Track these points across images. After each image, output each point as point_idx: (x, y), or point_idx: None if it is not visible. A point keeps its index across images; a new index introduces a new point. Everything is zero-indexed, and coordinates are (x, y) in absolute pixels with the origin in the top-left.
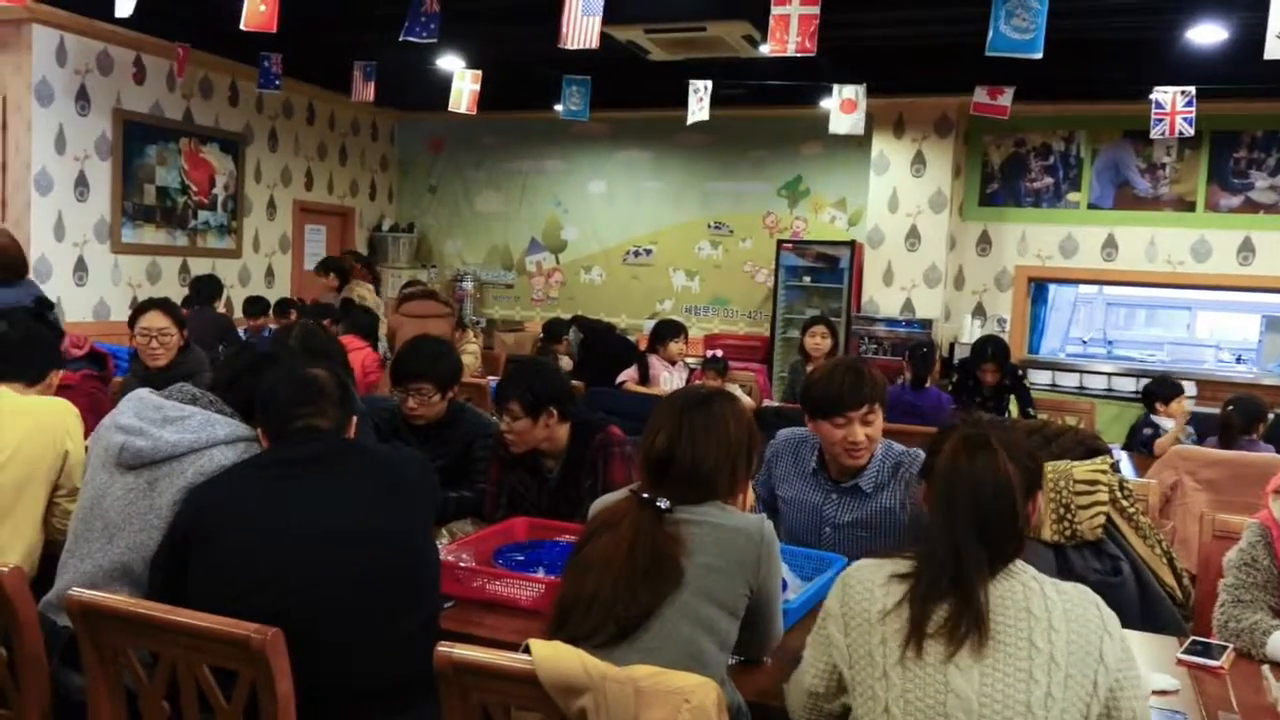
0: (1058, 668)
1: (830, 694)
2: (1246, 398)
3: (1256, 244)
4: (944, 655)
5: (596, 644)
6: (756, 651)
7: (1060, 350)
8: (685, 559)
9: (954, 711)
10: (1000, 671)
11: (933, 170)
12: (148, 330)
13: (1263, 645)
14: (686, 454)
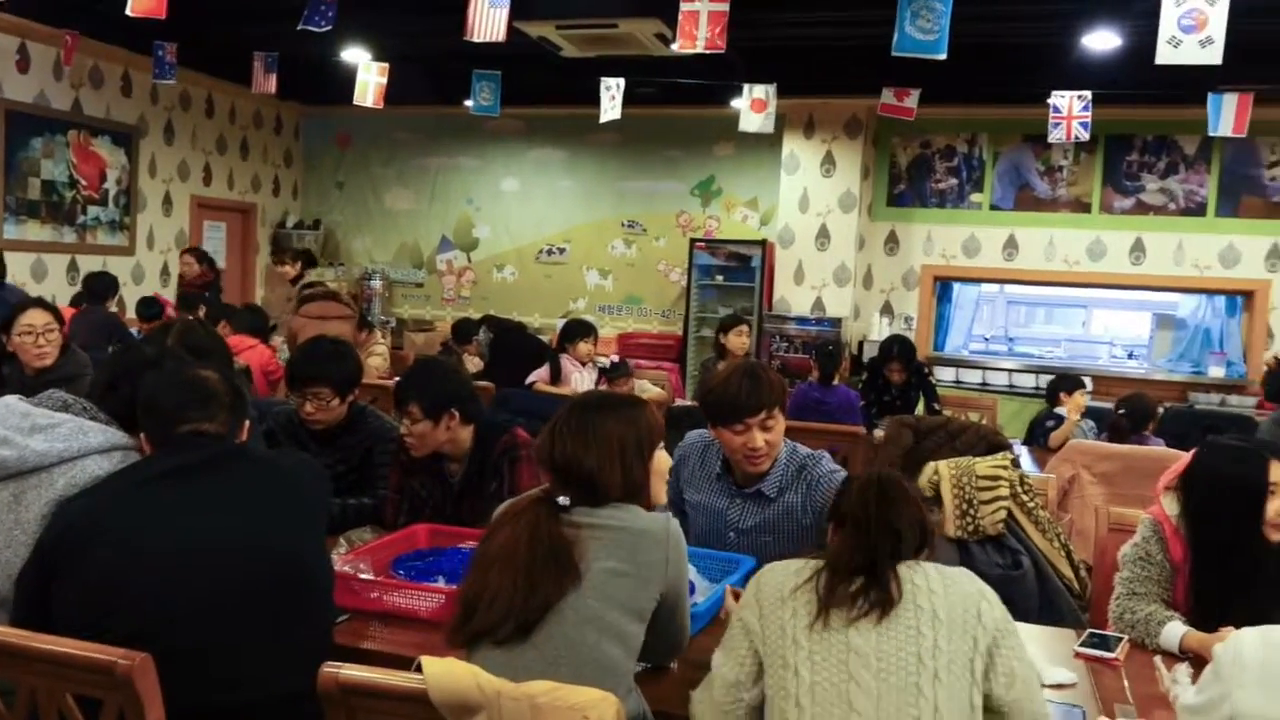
0: (940, 623)
1: (750, 679)
2: (1135, 399)
3: (1147, 244)
4: (847, 620)
5: (500, 639)
6: (663, 656)
7: (964, 348)
8: (585, 561)
9: (856, 668)
10: (893, 631)
11: (842, 171)
12: (30, 328)
13: (1156, 636)
14: (567, 456)
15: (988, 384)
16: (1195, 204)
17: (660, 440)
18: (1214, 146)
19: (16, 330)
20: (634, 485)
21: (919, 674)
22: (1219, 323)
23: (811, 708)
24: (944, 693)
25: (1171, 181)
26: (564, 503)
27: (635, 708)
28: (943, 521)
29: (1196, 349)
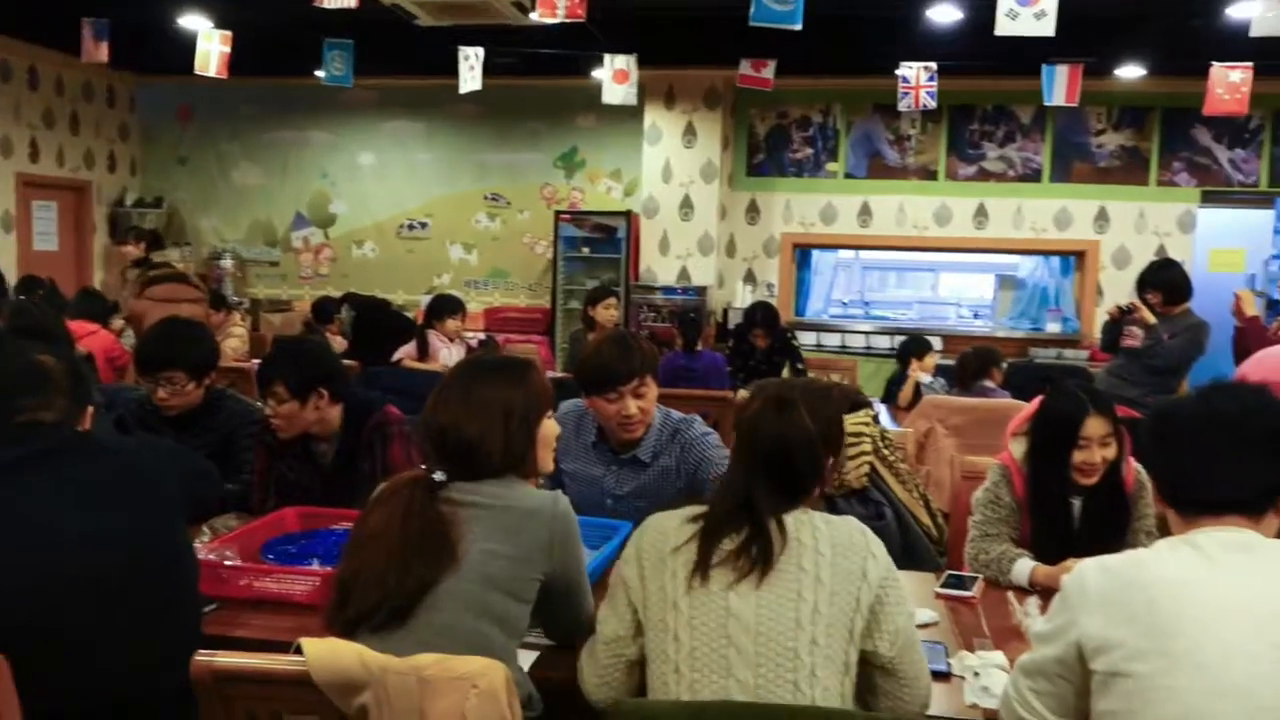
0: (823, 586)
1: (630, 635)
2: (983, 347)
3: (989, 210)
4: (727, 583)
5: (376, 626)
6: (565, 635)
7: (824, 312)
8: (464, 542)
9: (734, 632)
10: (774, 594)
11: (703, 141)
12: None
13: (1009, 572)
14: (449, 424)
15: (847, 346)
16: (1032, 170)
17: (549, 406)
18: (1048, 116)
19: None
20: (516, 454)
21: (796, 639)
22: (1054, 282)
23: (690, 674)
24: (821, 656)
25: (1010, 149)
26: (440, 479)
27: (521, 690)
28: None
29: (1035, 307)
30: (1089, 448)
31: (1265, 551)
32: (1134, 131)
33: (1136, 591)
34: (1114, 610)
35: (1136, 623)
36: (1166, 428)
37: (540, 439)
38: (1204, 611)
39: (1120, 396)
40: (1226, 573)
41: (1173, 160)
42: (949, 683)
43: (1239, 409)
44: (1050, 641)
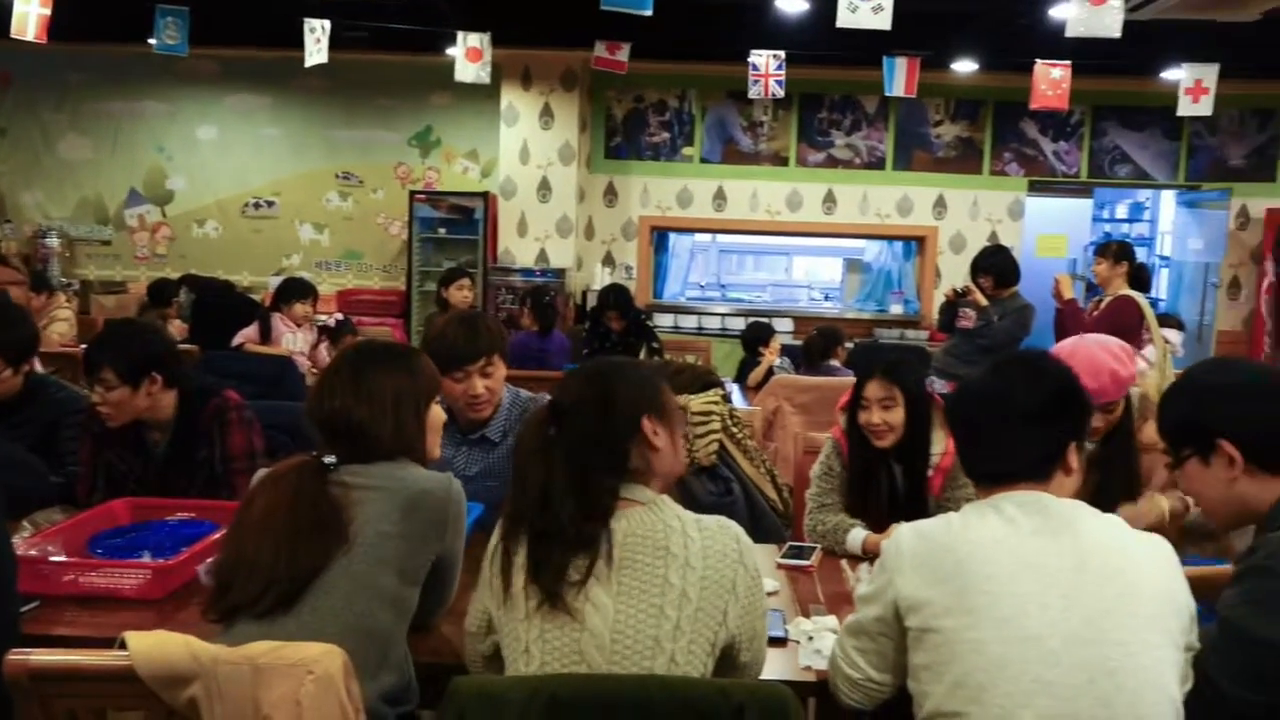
0: (689, 602)
1: (481, 633)
2: (827, 327)
3: (837, 195)
4: (579, 595)
5: (260, 612)
6: (430, 616)
7: (681, 294)
8: (356, 524)
9: (588, 648)
10: (634, 608)
11: (560, 123)
12: None
13: (844, 541)
14: (339, 409)
15: (703, 328)
16: (876, 158)
17: (437, 393)
18: (891, 106)
19: None
20: (407, 440)
21: (654, 659)
22: (897, 265)
23: None
24: (678, 673)
25: (856, 138)
26: (330, 462)
27: (405, 676)
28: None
29: (880, 289)
30: (869, 408)
31: (1056, 511)
32: (969, 123)
33: (946, 553)
34: (926, 571)
35: (946, 582)
36: (959, 408)
37: (429, 425)
38: (1003, 569)
39: (955, 374)
40: (1024, 533)
41: (1003, 151)
42: (785, 647)
43: (1010, 386)
44: (871, 602)
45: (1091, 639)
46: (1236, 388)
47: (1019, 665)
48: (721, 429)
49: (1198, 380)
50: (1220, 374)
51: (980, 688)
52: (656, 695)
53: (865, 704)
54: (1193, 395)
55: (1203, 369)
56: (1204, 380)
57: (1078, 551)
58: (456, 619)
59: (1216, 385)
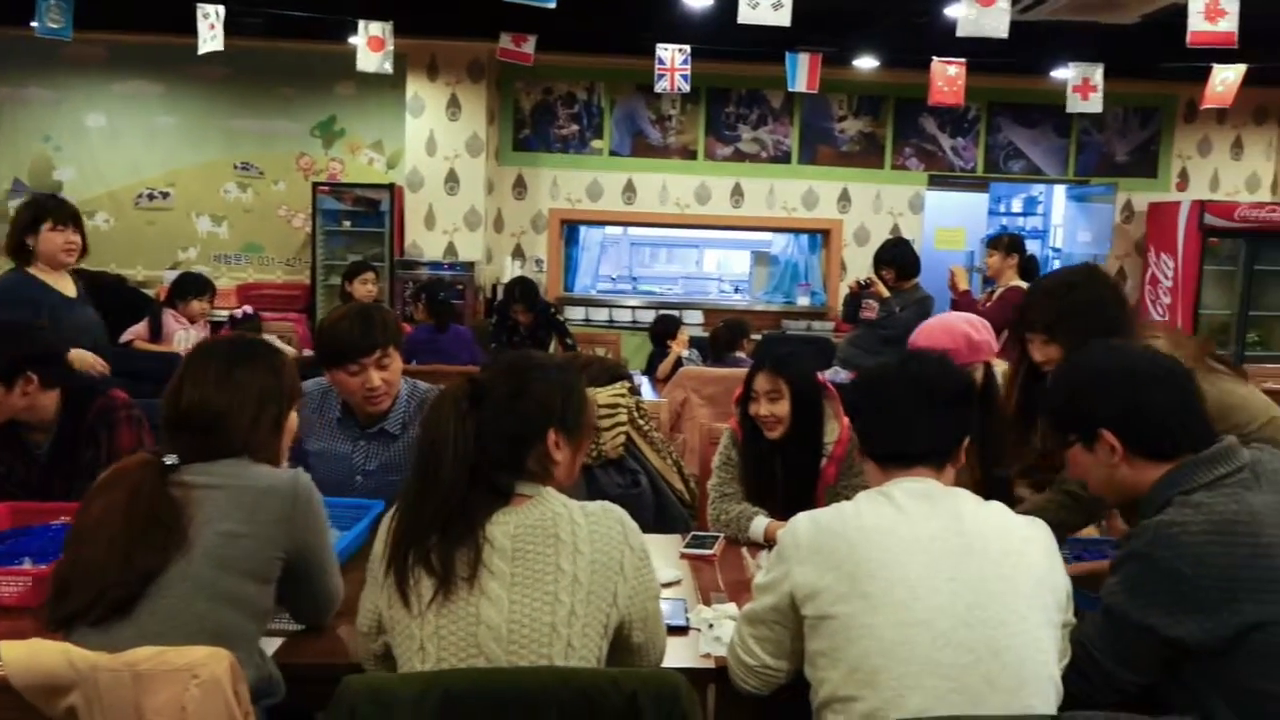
0: (580, 586)
1: (372, 633)
2: (733, 320)
3: (745, 189)
4: (473, 589)
5: (95, 621)
6: (314, 616)
7: (592, 287)
8: (196, 526)
9: (485, 641)
10: (528, 597)
11: (468, 114)
12: None
13: (746, 530)
14: (199, 400)
15: (614, 321)
16: (782, 152)
17: (299, 398)
18: (795, 101)
19: None
20: (261, 439)
21: (551, 645)
22: (804, 258)
23: None
24: (575, 660)
25: (762, 132)
26: (172, 462)
27: (262, 672)
28: None
29: (787, 282)
30: (757, 400)
31: (943, 498)
32: (871, 119)
33: (839, 541)
34: (821, 559)
35: (839, 569)
36: (869, 390)
37: (286, 428)
38: (894, 555)
39: (858, 365)
40: (912, 519)
41: (904, 146)
42: (686, 635)
43: (928, 374)
44: (768, 591)
45: (978, 620)
46: (1119, 377)
47: (910, 648)
48: (628, 421)
49: (1082, 367)
50: (1104, 360)
51: (874, 671)
52: (550, 686)
53: (762, 690)
54: (1076, 383)
55: (1087, 354)
56: (1088, 367)
57: (963, 536)
58: (351, 618)
59: (1099, 373)
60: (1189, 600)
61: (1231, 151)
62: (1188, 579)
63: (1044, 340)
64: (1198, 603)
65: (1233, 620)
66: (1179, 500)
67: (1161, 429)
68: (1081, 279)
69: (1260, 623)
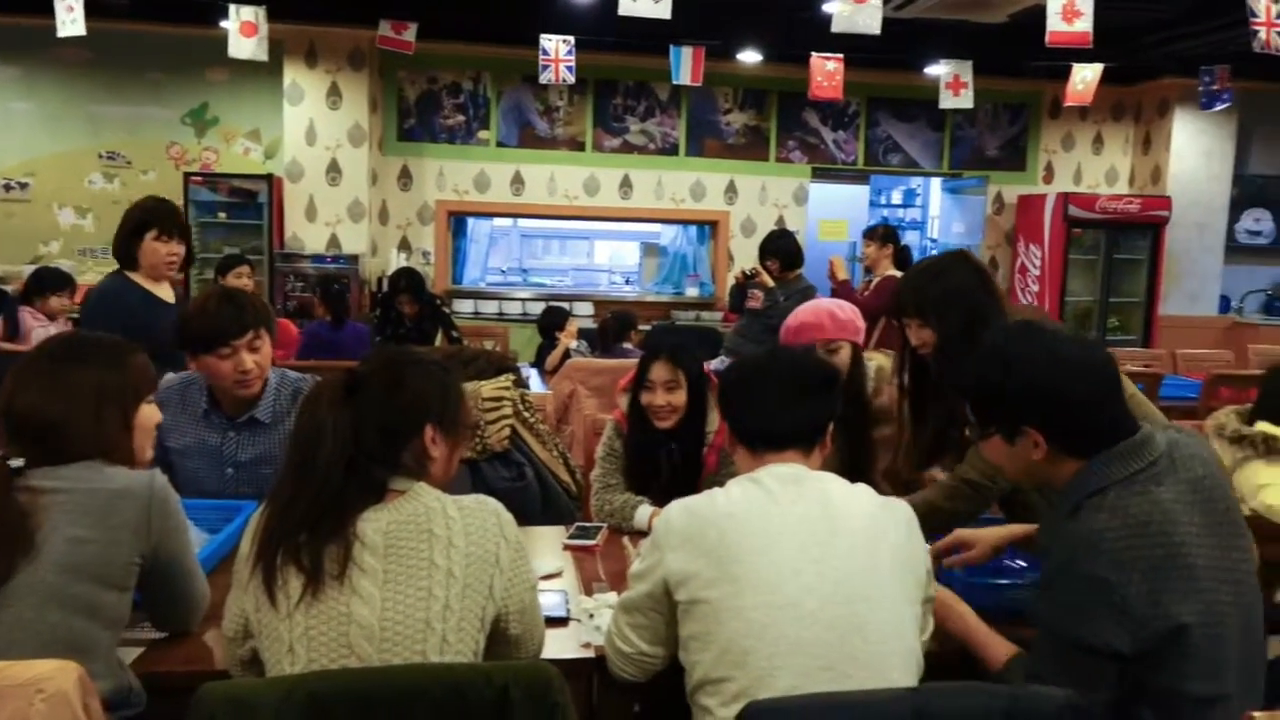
0: (455, 581)
1: (239, 638)
2: (621, 312)
3: (633, 180)
4: (343, 587)
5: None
6: (177, 622)
7: (481, 280)
8: (44, 532)
9: (357, 640)
10: (401, 594)
11: (349, 103)
12: None
13: (631, 519)
14: (25, 409)
15: (504, 313)
16: (669, 145)
17: (151, 391)
18: (682, 94)
19: None
20: (108, 440)
21: (425, 641)
22: (692, 249)
23: None
24: (451, 654)
25: (650, 124)
26: (17, 465)
27: (120, 682)
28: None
29: (677, 273)
30: (654, 390)
31: (810, 482)
32: (755, 112)
33: (710, 527)
34: (693, 545)
35: (710, 554)
36: (743, 376)
37: (138, 425)
38: (762, 539)
39: (742, 353)
40: (781, 503)
41: (788, 139)
42: (567, 627)
43: (796, 363)
44: (643, 579)
45: (843, 599)
46: (1046, 372)
47: (778, 628)
48: (513, 414)
49: (1007, 355)
50: (1028, 346)
51: (744, 652)
52: (420, 683)
53: (639, 677)
54: (1001, 375)
55: (1011, 339)
56: (1013, 356)
57: (829, 518)
58: (218, 624)
59: (1025, 364)
60: (1119, 609)
61: (1093, 146)
62: (1114, 587)
63: (918, 325)
64: (1127, 611)
65: (1160, 625)
66: (1092, 504)
67: (1087, 428)
68: (950, 264)
69: (1183, 625)
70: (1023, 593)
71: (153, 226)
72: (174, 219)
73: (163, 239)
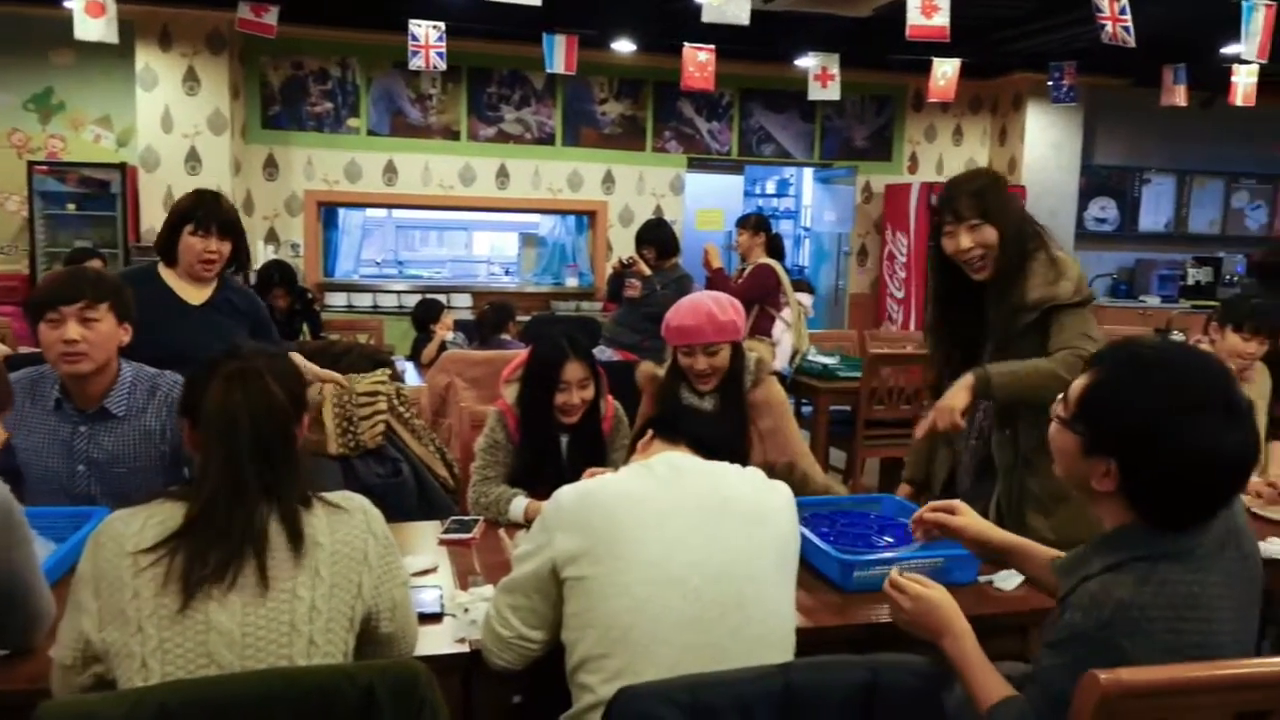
0: (322, 581)
1: (78, 666)
2: (499, 302)
3: (510, 170)
4: (208, 595)
5: None
6: (21, 639)
7: (355, 272)
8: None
9: (217, 649)
10: (263, 597)
11: (209, 89)
12: None
13: (507, 511)
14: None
15: (379, 306)
16: (546, 134)
17: (9, 405)
18: (557, 83)
19: None
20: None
21: (291, 645)
22: (571, 239)
23: None
24: (319, 656)
25: (526, 113)
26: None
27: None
28: (325, 440)
29: (556, 263)
30: (568, 390)
31: (702, 467)
32: (631, 102)
33: (598, 507)
34: (581, 525)
35: (597, 533)
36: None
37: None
38: (651, 518)
39: (624, 342)
40: (671, 486)
41: (664, 129)
42: (441, 623)
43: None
44: (529, 559)
45: (727, 577)
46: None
47: (661, 603)
48: (388, 409)
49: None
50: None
51: (627, 628)
52: (278, 689)
53: (515, 664)
54: (1114, 397)
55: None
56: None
57: (719, 500)
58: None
59: (1146, 404)
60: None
61: (953, 138)
62: (1128, 656)
63: (974, 226)
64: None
65: None
66: (1139, 570)
67: (1177, 508)
68: (998, 176)
69: None
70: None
71: (190, 220)
72: (214, 213)
73: (199, 234)
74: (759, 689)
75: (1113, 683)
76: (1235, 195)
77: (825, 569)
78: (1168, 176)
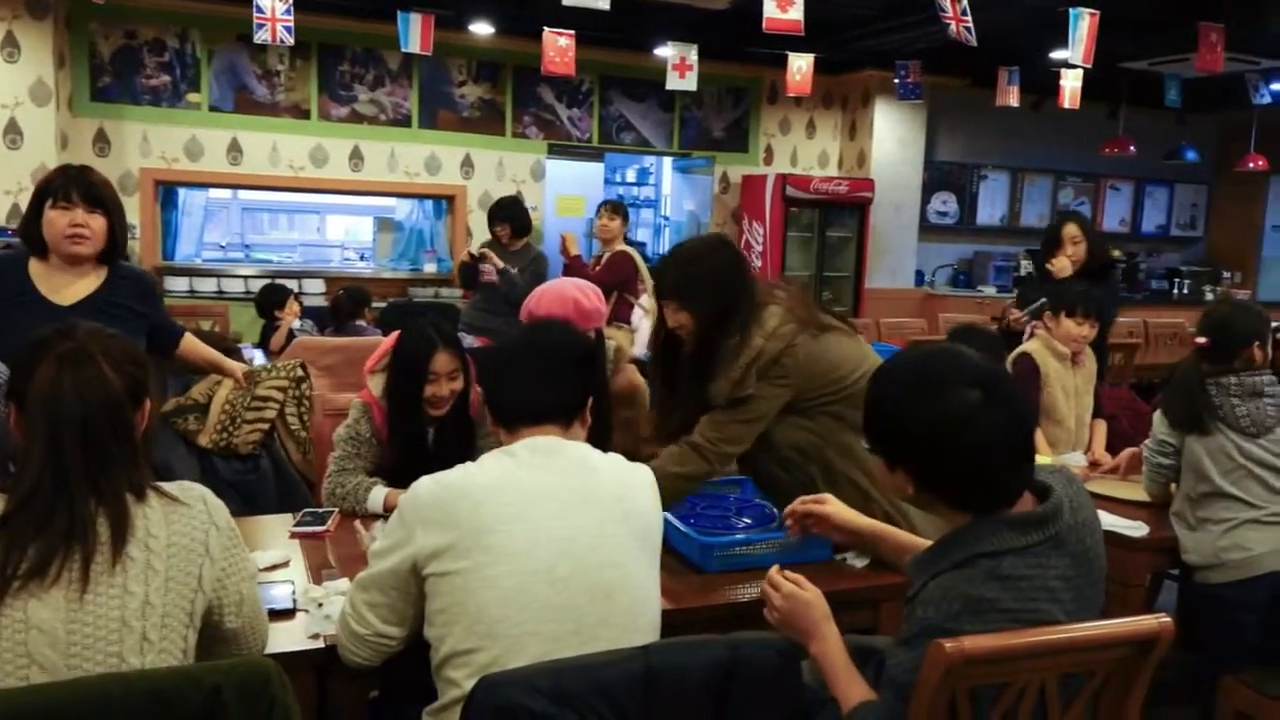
0: (156, 574)
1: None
2: (353, 288)
3: (364, 152)
4: (28, 591)
5: None
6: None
7: (197, 256)
8: None
9: (38, 648)
10: (90, 593)
11: (31, 57)
12: None
13: (364, 501)
14: None
15: (224, 291)
16: (402, 116)
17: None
18: (414, 64)
19: None
20: None
21: (122, 642)
22: (429, 224)
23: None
24: (154, 653)
25: (380, 94)
26: None
27: None
28: (201, 431)
29: (414, 248)
30: (438, 382)
31: (565, 451)
32: (490, 86)
33: (462, 498)
34: (444, 519)
35: (461, 525)
36: (501, 357)
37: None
38: (515, 507)
39: (484, 328)
40: (534, 472)
41: (524, 115)
42: (294, 619)
43: (552, 341)
44: (387, 555)
45: (595, 564)
46: (927, 423)
47: (529, 594)
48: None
49: (894, 396)
50: (916, 391)
51: (495, 621)
52: (113, 694)
53: (373, 661)
54: (885, 409)
55: (903, 376)
56: (900, 398)
57: (583, 486)
58: None
59: (909, 410)
60: None
61: (806, 131)
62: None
63: (677, 308)
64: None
65: None
66: (987, 566)
67: (970, 492)
68: (709, 249)
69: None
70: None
71: (50, 194)
72: (78, 182)
73: (60, 205)
74: (620, 671)
75: (957, 650)
76: (1062, 192)
77: (686, 551)
78: (1002, 173)
